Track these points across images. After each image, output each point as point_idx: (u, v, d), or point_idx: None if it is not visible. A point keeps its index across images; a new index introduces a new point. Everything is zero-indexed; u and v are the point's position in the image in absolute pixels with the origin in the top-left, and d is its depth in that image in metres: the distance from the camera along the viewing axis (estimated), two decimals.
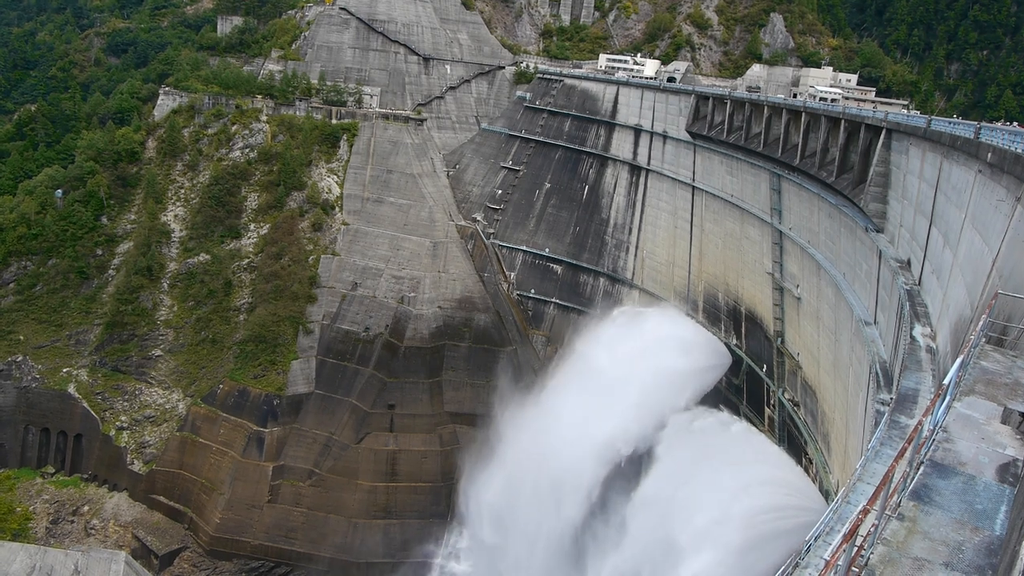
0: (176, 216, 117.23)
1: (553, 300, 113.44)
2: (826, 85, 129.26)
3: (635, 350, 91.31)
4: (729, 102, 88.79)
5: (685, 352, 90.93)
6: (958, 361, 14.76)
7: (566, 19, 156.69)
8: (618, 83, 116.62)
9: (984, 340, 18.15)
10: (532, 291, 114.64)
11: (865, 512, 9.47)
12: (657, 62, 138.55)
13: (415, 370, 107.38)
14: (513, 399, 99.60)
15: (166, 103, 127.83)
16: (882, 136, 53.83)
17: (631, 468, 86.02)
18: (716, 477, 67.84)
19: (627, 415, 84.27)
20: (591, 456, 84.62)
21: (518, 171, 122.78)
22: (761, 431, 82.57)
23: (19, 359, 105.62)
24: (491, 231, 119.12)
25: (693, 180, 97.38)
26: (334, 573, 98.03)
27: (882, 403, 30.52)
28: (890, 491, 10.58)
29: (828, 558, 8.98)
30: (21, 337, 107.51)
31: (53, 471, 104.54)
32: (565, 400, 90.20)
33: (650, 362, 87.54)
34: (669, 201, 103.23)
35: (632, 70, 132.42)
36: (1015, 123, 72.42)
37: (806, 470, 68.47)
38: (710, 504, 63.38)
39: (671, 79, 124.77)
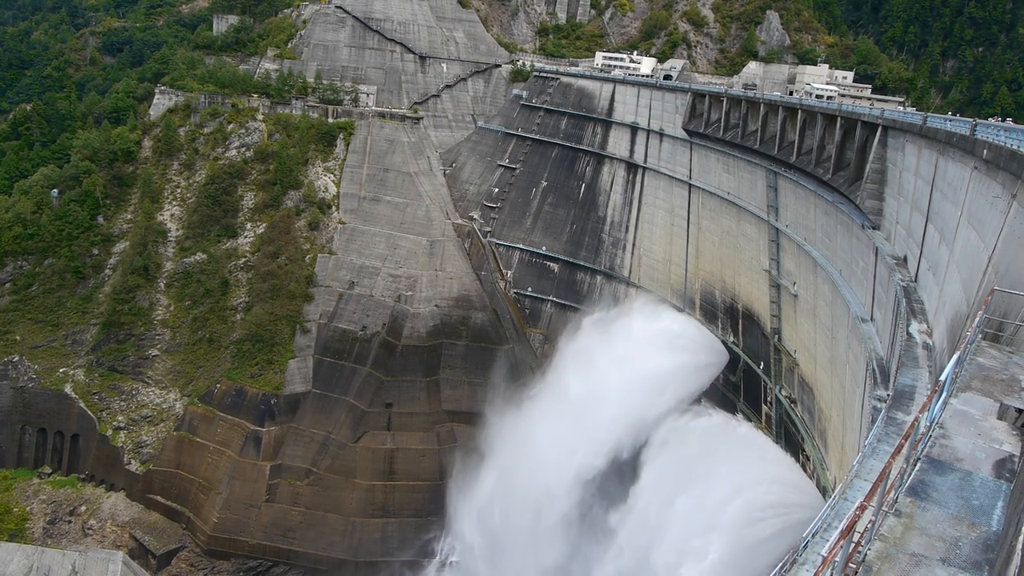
0: (172, 215, 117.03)
1: (550, 298, 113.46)
2: (822, 82, 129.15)
3: (608, 362, 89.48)
4: (725, 100, 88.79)
5: (666, 352, 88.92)
6: (954, 357, 14.77)
7: (562, 17, 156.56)
8: (614, 81, 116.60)
9: (980, 336, 18.18)
10: (529, 289, 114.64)
11: (862, 508, 9.48)
12: (653, 60, 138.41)
13: (412, 369, 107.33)
14: (504, 407, 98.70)
15: (162, 102, 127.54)
16: (878, 133, 53.84)
17: (622, 475, 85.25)
18: (709, 478, 67.48)
19: (599, 438, 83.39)
20: (565, 486, 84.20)
21: (515, 169, 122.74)
22: (759, 428, 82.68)
23: (15, 359, 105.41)
24: (488, 229, 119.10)
25: (690, 178, 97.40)
26: (332, 572, 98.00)
27: (879, 400, 30.57)
28: (887, 487, 10.60)
29: (825, 554, 8.99)
30: (17, 337, 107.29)
31: (50, 471, 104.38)
32: (540, 430, 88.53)
33: (624, 373, 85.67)
34: (666, 199, 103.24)
35: (628, 68, 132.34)
36: (1009, 119, 72.48)
37: (803, 467, 68.57)
38: (699, 514, 63.12)
39: (667, 77, 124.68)
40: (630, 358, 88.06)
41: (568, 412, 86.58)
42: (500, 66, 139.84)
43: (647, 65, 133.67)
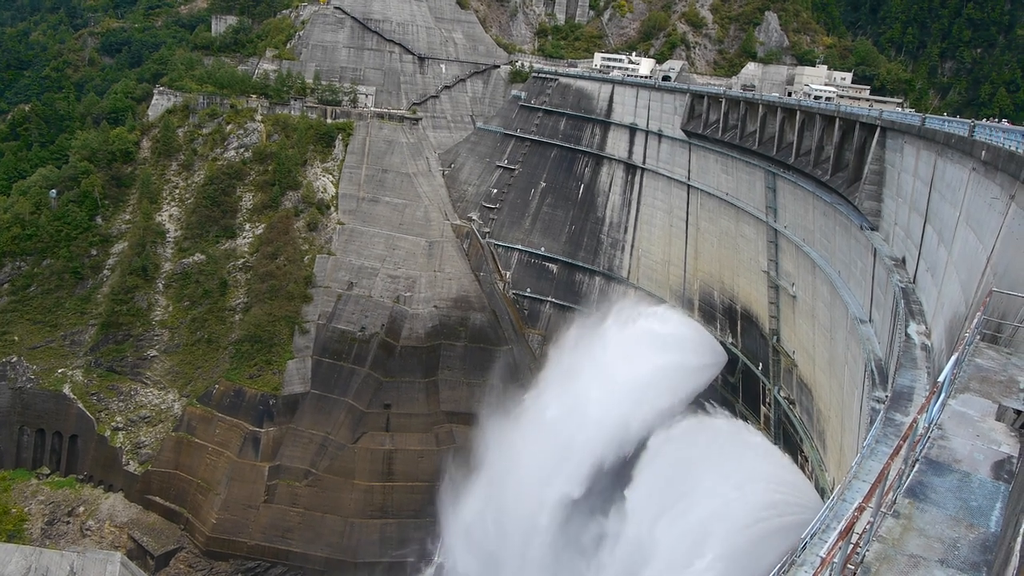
0: (171, 216, 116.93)
1: (549, 299, 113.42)
2: (821, 83, 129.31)
3: (589, 375, 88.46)
4: (724, 100, 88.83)
5: (648, 356, 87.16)
6: (953, 358, 14.77)
7: (561, 18, 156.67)
8: (613, 82, 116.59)
9: (979, 337, 18.17)
10: (528, 290, 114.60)
11: (861, 509, 9.49)
12: (652, 61, 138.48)
13: (411, 369, 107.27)
14: (497, 415, 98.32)
15: (160, 103, 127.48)
16: (876, 134, 53.84)
17: (615, 482, 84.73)
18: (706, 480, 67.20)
19: (573, 470, 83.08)
20: (547, 512, 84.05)
21: (513, 170, 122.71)
22: (757, 429, 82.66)
23: (14, 360, 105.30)
24: (487, 230, 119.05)
25: (688, 178, 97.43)
26: (330, 573, 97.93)
27: (877, 401, 30.59)
28: (885, 488, 10.60)
29: (824, 555, 8.99)
30: (16, 338, 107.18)
31: (48, 472, 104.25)
32: (521, 456, 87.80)
33: (604, 385, 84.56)
34: (664, 199, 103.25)
35: (627, 69, 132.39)
36: (1006, 120, 72.56)
37: (802, 468, 68.56)
38: (692, 520, 62.94)
39: (666, 78, 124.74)
40: (610, 367, 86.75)
41: (546, 437, 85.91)
42: (499, 67, 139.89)
43: (646, 66, 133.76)
